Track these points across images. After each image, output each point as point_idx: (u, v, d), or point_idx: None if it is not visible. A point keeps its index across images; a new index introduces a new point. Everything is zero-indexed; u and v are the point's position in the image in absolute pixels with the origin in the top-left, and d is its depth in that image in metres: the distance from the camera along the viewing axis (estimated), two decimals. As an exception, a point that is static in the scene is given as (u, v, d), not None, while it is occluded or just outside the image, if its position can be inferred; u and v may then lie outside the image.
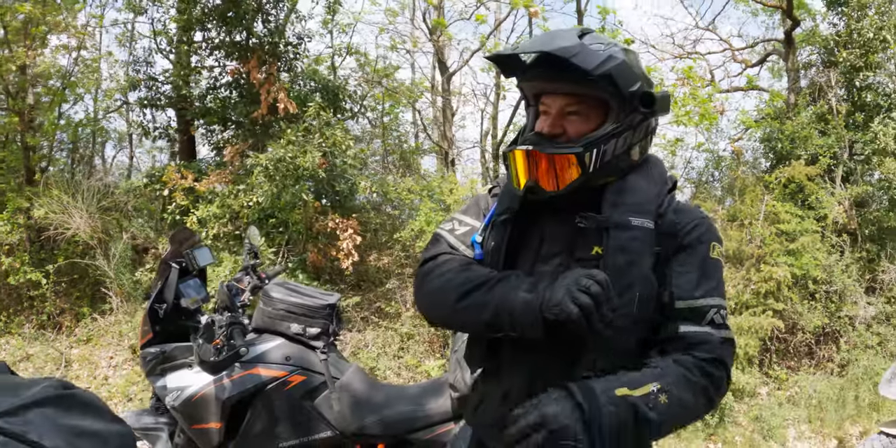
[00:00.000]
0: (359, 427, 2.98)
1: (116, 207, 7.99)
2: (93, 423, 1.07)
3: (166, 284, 3.22)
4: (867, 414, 6.10)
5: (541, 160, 1.60)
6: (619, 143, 1.61)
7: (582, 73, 1.53)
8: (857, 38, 8.64)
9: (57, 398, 1.06)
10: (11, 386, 1.06)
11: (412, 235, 7.29)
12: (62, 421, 1.03)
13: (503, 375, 1.74)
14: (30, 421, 1.00)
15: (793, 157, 8.48)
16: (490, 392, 1.80)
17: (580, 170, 1.58)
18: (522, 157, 1.62)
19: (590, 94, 1.59)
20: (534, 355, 1.65)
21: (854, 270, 7.71)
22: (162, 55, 8.61)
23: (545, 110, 1.65)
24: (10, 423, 0.97)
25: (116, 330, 6.83)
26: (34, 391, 1.05)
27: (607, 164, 1.60)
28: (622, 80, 1.56)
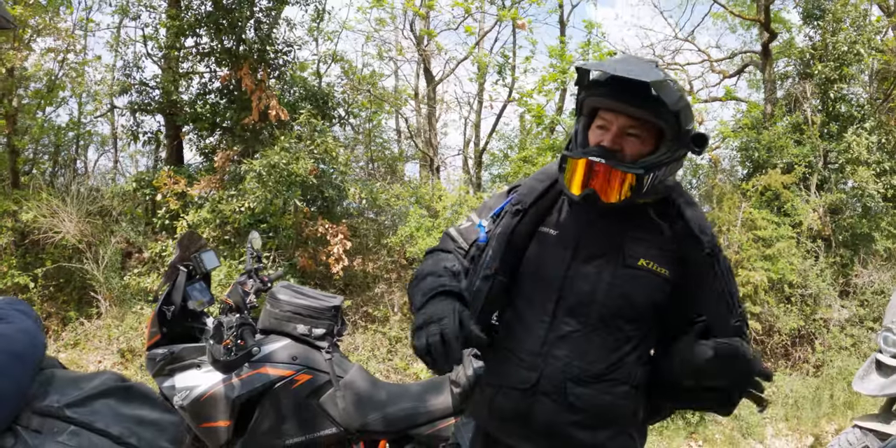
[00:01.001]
0: (362, 424, 3.09)
1: (102, 211, 8.00)
2: (150, 412, 1.16)
3: (174, 287, 3.31)
4: (842, 412, 6.27)
5: (602, 173, 1.73)
6: (666, 171, 1.77)
7: (663, 106, 1.69)
8: (832, 51, 8.85)
9: (117, 389, 1.15)
10: (73, 379, 1.13)
11: (402, 241, 7.40)
12: (124, 411, 1.12)
13: (524, 368, 1.85)
14: (96, 411, 1.08)
15: (769, 165, 8.67)
16: (508, 384, 1.89)
17: (634, 188, 1.73)
18: (584, 166, 1.74)
19: (653, 121, 1.73)
20: (567, 345, 1.80)
21: (828, 275, 7.91)
22: (152, 60, 8.64)
23: (604, 125, 1.78)
24: (78, 413, 1.07)
25: (105, 334, 6.84)
26: (96, 383, 1.13)
27: (653, 187, 1.76)
28: (685, 118, 1.74)
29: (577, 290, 1.80)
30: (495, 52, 10.15)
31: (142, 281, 7.12)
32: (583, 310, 1.80)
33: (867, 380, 4.12)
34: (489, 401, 1.91)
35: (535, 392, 1.80)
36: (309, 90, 8.48)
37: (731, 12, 11.64)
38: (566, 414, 1.79)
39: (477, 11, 10.00)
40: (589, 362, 1.79)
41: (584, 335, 1.80)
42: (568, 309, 1.81)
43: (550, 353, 1.80)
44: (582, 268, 1.82)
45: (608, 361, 1.81)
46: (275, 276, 3.65)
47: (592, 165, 1.73)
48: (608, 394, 1.81)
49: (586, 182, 1.74)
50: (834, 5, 9.09)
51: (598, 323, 1.80)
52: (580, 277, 1.81)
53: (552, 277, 1.83)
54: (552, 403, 1.79)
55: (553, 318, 1.82)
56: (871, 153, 8.65)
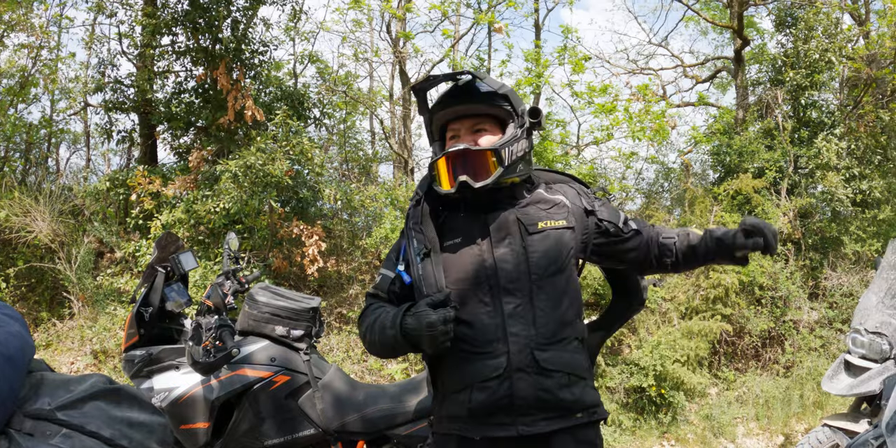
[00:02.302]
0: (341, 424, 3.11)
1: (75, 211, 7.91)
2: (139, 414, 1.18)
3: (152, 288, 3.30)
4: (811, 411, 6.38)
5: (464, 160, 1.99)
6: (520, 146, 2.02)
7: (491, 93, 2.02)
8: (804, 59, 8.98)
9: (107, 392, 1.16)
10: (62, 381, 1.14)
11: (377, 242, 7.40)
12: (114, 413, 1.13)
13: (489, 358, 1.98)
14: (87, 413, 1.10)
15: (740, 170, 8.80)
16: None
17: (499, 163, 1.97)
18: (444, 163, 2.00)
19: (493, 113, 2.05)
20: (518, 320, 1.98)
21: (798, 277, 8.04)
22: (127, 58, 8.56)
23: (454, 134, 2.08)
24: (69, 415, 1.08)
25: (77, 335, 6.77)
26: (86, 386, 1.15)
27: (514, 163, 2.01)
28: (514, 99, 2.06)
29: (504, 272, 1.98)
30: (471, 55, 10.21)
31: (115, 281, 7.05)
32: (514, 285, 1.98)
33: (836, 380, 4.22)
34: (466, 401, 1.97)
35: (509, 374, 1.92)
36: (285, 91, 8.46)
37: (704, 19, 11.78)
38: (545, 380, 1.93)
39: (453, 14, 10.05)
40: (541, 326, 1.96)
41: (526, 305, 1.97)
42: (503, 289, 1.97)
43: (508, 333, 1.94)
44: (497, 252, 2.00)
45: (557, 321, 1.99)
46: (252, 278, 3.65)
47: (454, 157, 2.00)
48: (566, 351, 2.00)
49: (454, 174, 1.98)
50: (806, 13, 9.23)
51: (534, 290, 1.98)
52: (500, 260, 1.99)
53: (479, 273, 1.99)
54: (529, 376, 1.92)
55: (495, 305, 1.97)
56: (840, 159, 8.80)
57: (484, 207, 2.05)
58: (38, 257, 7.20)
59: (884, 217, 8.73)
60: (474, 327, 1.96)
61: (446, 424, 2.05)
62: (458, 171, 1.97)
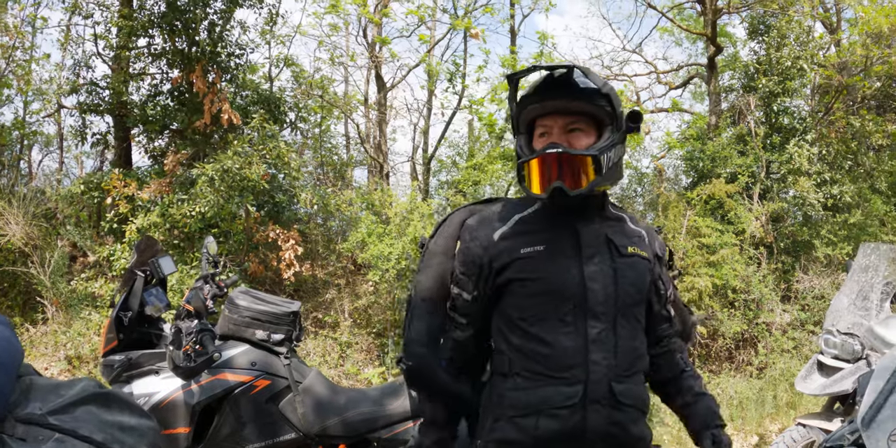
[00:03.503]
0: (321, 428, 3.11)
1: (48, 214, 7.83)
2: (129, 418, 1.19)
3: (132, 292, 3.28)
4: (785, 412, 6.46)
5: (560, 164, 1.76)
6: (616, 153, 1.82)
7: (594, 92, 1.78)
8: (776, 66, 9.12)
9: (97, 396, 1.16)
10: (52, 386, 1.14)
11: (353, 247, 7.41)
12: (105, 417, 1.14)
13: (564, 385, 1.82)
14: (78, 418, 1.10)
15: (713, 175, 8.90)
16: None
17: (596, 171, 1.77)
18: (538, 164, 1.78)
19: (590, 111, 1.80)
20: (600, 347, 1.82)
21: (770, 280, 8.15)
22: (102, 60, 8.49)
23: (545, 131, 1.83)
24: (61, 420, 1.08)
25: (51, 340, 6.69)
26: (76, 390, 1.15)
27: (611, 169, 1.81)
28: (615, 99, 1.81)
29: (592, 292, 1.80)
30: (447, 60, 10.25)
31: (89, 285, 6.99)
32: (601, 308, 1.80)
33: (809, 380, 4.30)
34: (532, 429, 1.79)
35: (584, 404, 1.76)
36: (261, 94, 8.44)
37: (678, 26, 11.92)
38: (618, 414, 1.79)
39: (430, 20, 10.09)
40: (621, 357, 1.81)
41: (609, 332, 1.80)
42: (590, 312, 1.80)
43: (589, 360, 1.77)
44: (587, 269, 1.82)
45: (634, 354, 1.85)
46: (230, 282, 3.64)
47: (550, 159, 1.77)
48: (638, 384, 1.87)
49: (548, 178, 1.77)
50: (779, 21, 9.39)
51: (617, 317, 1.82)
52: (589, 279, 1.80)
53: (565, 288, 1.80)
54: (603, 409, 1.78)
55: (578, 326, 1.79)
56: (811, 164, 8.95)
57: (574, 213, 1.87)
58: (10, 261, 7.11)
59: (854, 221, 8.88)
60: (553, 348, 1.78)
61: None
62: (552, 174, 1.77)
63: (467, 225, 1.95)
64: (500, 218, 1.91)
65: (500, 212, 1.94)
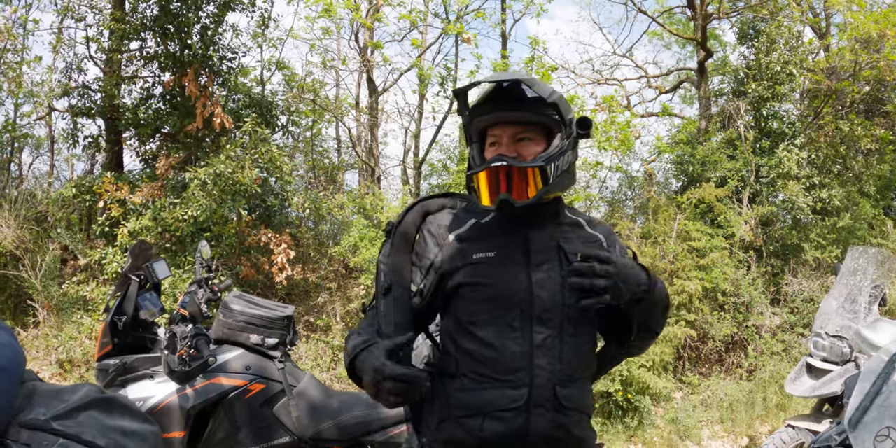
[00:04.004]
0: (316, 432, 3.14)
1: (39, 217, 7.80)
2: (131, 423, 1.20)
3: (126, 297, 3.30)
4: (775, 414, 6.51)
5: (508, 176, 1.81)
6: (565, 161, 1.87)
7: (541, 102, 1.82)
8: (766, 71, 9.18)
9: (100, 401, 1.18)
10: (55, 391, 1.15)
11: (346, 250, 7.42)
12: (108, 422, 1.15)
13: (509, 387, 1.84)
14: (81, 423, 1.11)
15: (703, 179, 8.95)
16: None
17: (543, 181, 1.81)
18: (485, 177, 1.83)
19: (538, 120, 1.86)
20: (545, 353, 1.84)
21: (760, 284, 8.20)
22: (94, 63, 8.47)
23: (495, 140, 1.89)
24: (64, 425, 1.09)
25: (43, 344, 6.67)
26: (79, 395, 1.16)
27: (560, 177, 1.86)
28: (564, 107, 1.85)
29: (539, 299, 1.84)
30: (438, 64, 10.27)
31: (81, 289, 6.97)
32: (548, 315, 1.84)
33: (799, 382, 4.36)
34: (477, 430, 1.83)
35: (528, 407, 1.80)
36: (253, 98, 8.45)
37: (669, 31, 11.99)
38: (561, 417, 1.83)
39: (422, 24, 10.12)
40: (566, 362, 1.84)
41: (555, 338, 1.84)
42: (536, 318, 1.83)
43: (534, 365, 1.81)
44: (535, 277, 1.86)
45: (580, 360, 1.89)
46: (223, 287, 3.66)
47: (496, 172, 1.82)
48: (583, 389, 1.91)
49: (496, 190, 1.82)
50: (768, 27, 9.45)
51: (564, 324, 1.85)
52: (537, 286, 1.85)
53: (512, 295, 1.84)
54: (547, 412, 1.81)
55: (524, 332, 1.83)
56: (800, 168, 9.01)
57: (525, 220, 1.91)
58: (1, 264, 7.08)
59: (843, 224, 8.94)
60: (499, 352, 1.82)
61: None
62: (500, 186, 1.82)
63: (428, 220, 2.00)
64: (459, 220, 1.96)
65: (459, 213, 1.99)
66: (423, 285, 1.93)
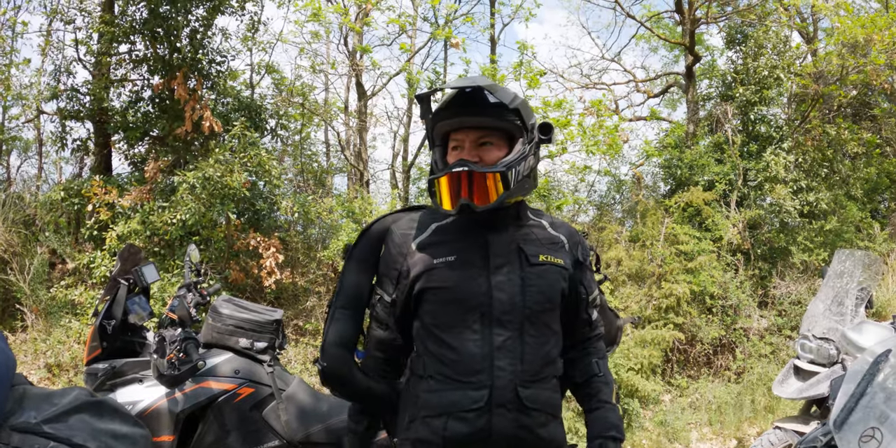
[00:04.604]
0: (305, 435, 3.13)
1: (27, 220, 7.76)
2: (121, 426, 1.21)
3: (115, 301, 3.29)
4: (763, 416, 6.54)
5: (469, 181, 1.84)
6: (527, 164, 1.91)
7: (501, 106, 1.86)
8: (753, 75, 9.25)
9: (90, 405, 1.19)
10: (45, 395, 1.17)
11: (334, 254, 7.41)
12: (98, 425, 1.16)
13: (470, 389, 1.88)
14: (72, 426, 1.12)
15: (691, 183, 9.01)
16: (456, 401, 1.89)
17: (504, 186, 1.85)
18: (448, 180, 1.86)
19: (500, 126, 1.90)
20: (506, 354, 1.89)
21: (747, 286, 8.25)
22: (83, 66, 8.44)
23: (457, 145, 1.93)
24: (56, 429, 1.11)
25: (31, 348, 6.63)
26: (69, 399, 1.17)
27: (521, 182, 1.90)
28: (526, 113, 1.91)
29: (498, 301, 1.88)
30: (427, 68, 10.30)
31: (69, 293, 6.94)
32: (508, 317, 1.88)
33: (786, 384, 4.39)
34: (441, 430, 1.88)
35: (489, 408, 1.84)
36: (242, 102, 8.44)
37: (657, 36, 12.04)
38: (524, 418, 1.87)
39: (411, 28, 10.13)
40: (528, 363, 1.89)
41: (516, 339, 1.88)
42: (495, 320, 1.88)
43: (494, 366, 1.85)
44: (494, 279, 1.90)
45: (543, 360, 1.93)
46: (212, 291, 3.66)
47: (458, 177, 1.85)
48: (546, 389, 1.94)
49: (457, 194, 1.85)
50: (756, 31, 9.53)
51: (525, 325, 1.90)
52: (496, 288, 1.89)
53: (471, 297, 1.89)
54: (509, 413, 1.85)
55: (483, 334, 1.87)
56: (788, 172, 9.08)
57: (485, 224, 1.95)
58: (-12, 268, 7.05)
59: (830, 228, 9.01)
60: (460, 354, 1.87)
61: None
62: (461, 191, 1.85)
63: (391, 231, 2.05)
64: (420, 226, 2.01)
65: (419, 220, 2.04)
66: (395, 295, 1.99)
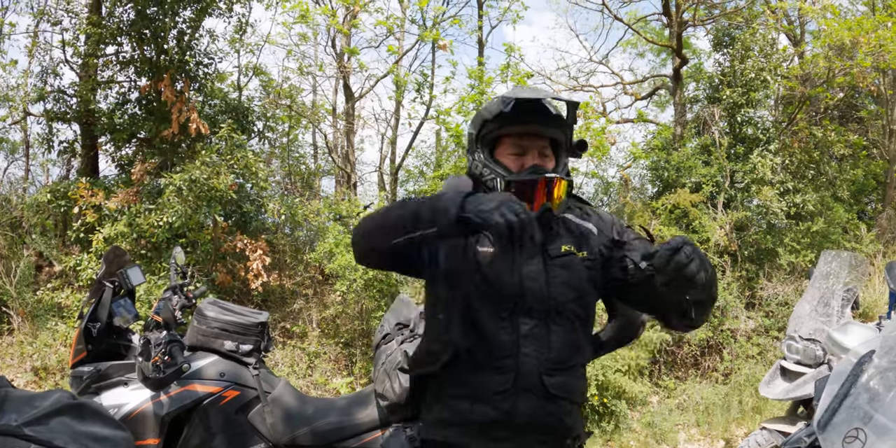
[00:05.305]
0: (291, 438, 3.12)
1: (13, 223, 7.72)
2: (103, 429, 1.20)
3: (100, 303, 3.27)
4: (750, 416, 6.55)
5: (549, 187, 1.97)
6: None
7: (561, 119, 2.02)
8: (740, 77, 9.28)
9: (71, 407, 1.18)
10: (27, 398, 1.16)
11: (321, 256, 7.40)
12: (79, 428, 1.16)
13: (497, 373, 1.93)
14: (53, 429, 1.12)
15: (678, 184, 9.02)
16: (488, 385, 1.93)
17: (567, 194, 2.05)
18: (544, 185, 1.97)
19: (561, 139, 2.05)
20: (532, 342, 1.93)
21: (735, 288, 8.26)
22: (70, 67, 8.40)
23: (519, 151, 2.02)
24: (36, 431, 1.10)
25: (17, 351, 6.59)
26: (51, 401, 1.17)
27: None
28: (572, 132, 2.07)
29: (530, 291, 1.95)
30: (414, 71, 10.29)
31: (56, 296, 6.90)
32: (537, 306, 1.95)
33: (773, 385, 4.41)
34: (468, 413, 1.94)
35: (515, 391, 1.91)
36: (229, 104, 8.42)
37: (645, 39, 12.09)
38: (550, 405, 1.93)
39: (398, 30, 10.13)
40: (556, 351, 1.95)
41: (542, 328, 1.95)
42: (524, 310, 1.95)
43: (521, 353, 1.92)
44: (525, 270, 1.98)
45: (569, 348, 1.99)
46: (198, 293, 3.65)
47: (551, 182, 1.96)
48: (572, 377, 2.00)
49: (546, 198, 1.97)
50: (743, 34, 9.56)
51: (552, 314, 1.96)
52: (527, 279, 1.97)
53: (505, 288, 1.96)
54: (535, 398, 1.91)
55: (513, 322, 1.94)
56: (775, 174, 9.12)
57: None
58: (-27, 271, 7.00)
59: (817, 229, 9.04)
60: (490, 340, 1.94)
61: (438, 430, 2.01)
62: (547, 195, 1.97)
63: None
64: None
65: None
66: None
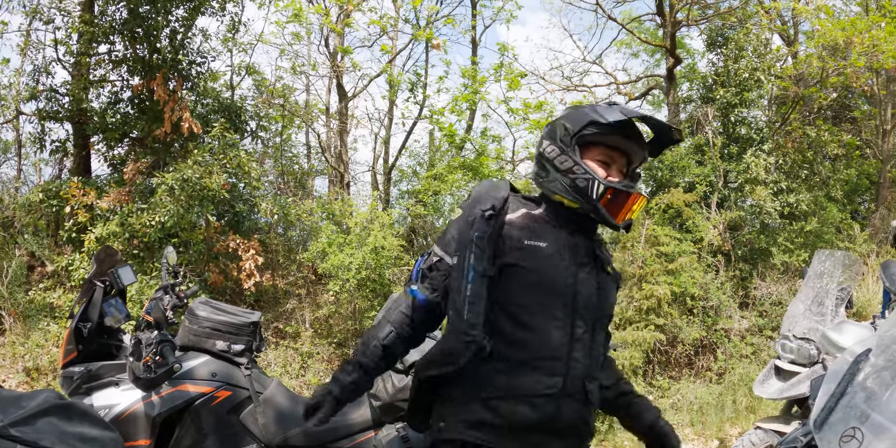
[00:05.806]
0: (283, 439, 3.10)
1: (5, 223, 7.68)
2: (90, 429, 1.19)
3: (91, 303, 3.24)
4: (744, 416, 6.56)
5: (633, 202, 1.99)
6: None
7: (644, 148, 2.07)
8: (734, 77, 9.30)
9: (58, 408, 1.17)
10: (13, 398, 1.15)
11: (314, 256, 7.38)
12: (67, 429, 1.14)
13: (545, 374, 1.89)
14: (39, 429, 1.11)
15: (672, 184, 9.04)
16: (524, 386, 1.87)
17: (641, 209, 2.11)
18: (637, 200, 2.00)
19: (636, 162, 2.09)
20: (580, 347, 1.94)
21: (728, 287, 8.28)
22: (63, 66, 8.36)
23: (607, 161, 2.02)
24: (23, 432, 1.09)
25: (10, 352, 6.56)
26: (38, 402, 1.15)
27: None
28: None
29: (582, 296, 1.94)
30: (408, 70, 10.28)
31: (47, 296, 6.87)
32: (586, 313, 1.94)
33: (767, 384, 4.40)
34: (509, 414, 1.85)
35: (561, 395, 1.87)
36: (222, 103, 8.38)
37: (639, 38, 12.09)
38: (585, 410, 1.95)
39: (392, 30, 10.12)
40: (593, 359, 1.96)
41: (589, 336, 1.95)
42: (578, 313, 1.92)
43: (571, 357, 1.89)
44: (579, 275, 1.95)
45: (599, 359, 2.01)
46: (190, 293, 3.61)
47: (637, 199, 2.00)
48: (599, 386, 2.02)
49: (626, 211, 2.00)
50: (737, 34, 9.59)
51: (594, 324, 1.97)
52: (582, 284, 1.94)
53: (560, 285, 1.92)
54: (576, 403, 1.91)
55: (566, 323, 1.90)
56: (768, 173, 9.13)
57: (576, 226, 2.02)
58: (-35, 271, 6.95)
59: (810, 229, 9.06)
60: (540, 336, 1.88)
61: (466, 431, 1.87)
62: (627, 210, 2.01)
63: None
64: (512, 207, 2.01)
65: (514, 200, 2.04)
66: (456, 260, 1.93)
